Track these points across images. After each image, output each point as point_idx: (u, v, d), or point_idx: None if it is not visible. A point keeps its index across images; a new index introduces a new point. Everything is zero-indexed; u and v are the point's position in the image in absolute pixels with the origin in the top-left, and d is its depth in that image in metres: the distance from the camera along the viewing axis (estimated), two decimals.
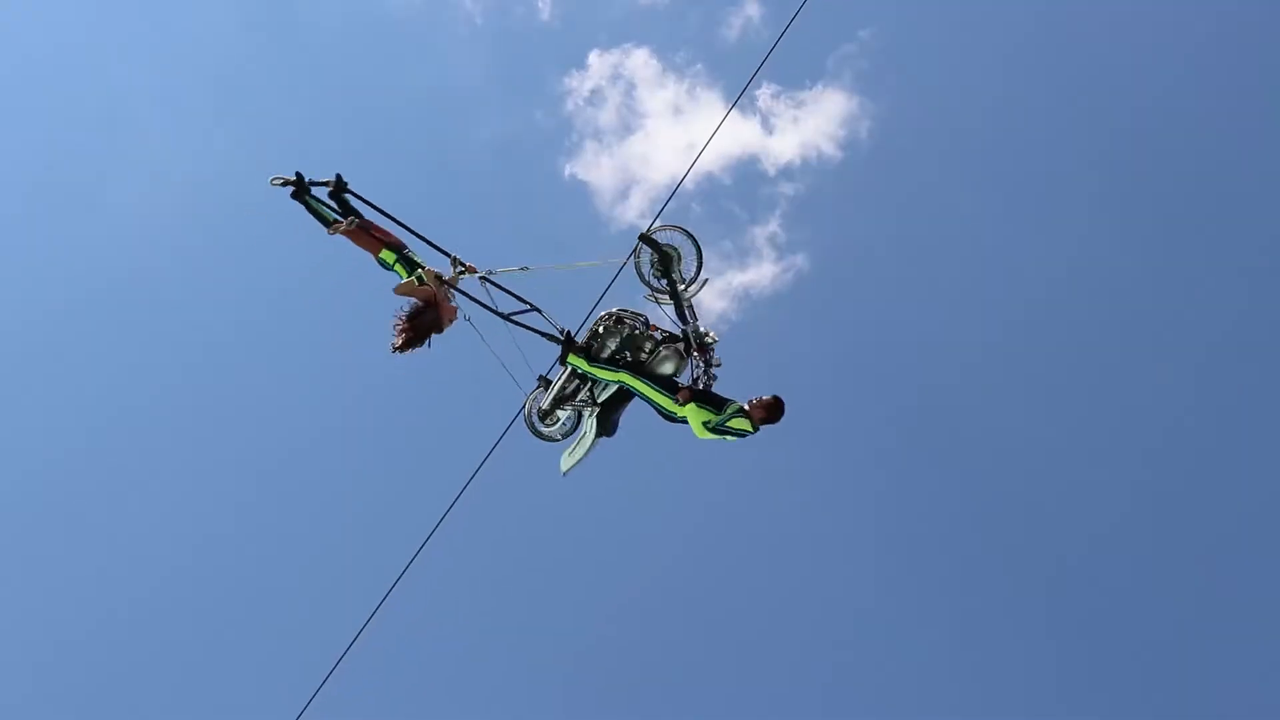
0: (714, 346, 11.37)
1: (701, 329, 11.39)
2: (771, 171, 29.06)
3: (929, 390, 28.19)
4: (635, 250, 11.56)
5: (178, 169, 29.68)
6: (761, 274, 28.26)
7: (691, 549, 26.76)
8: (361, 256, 11.92)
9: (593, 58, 29.96)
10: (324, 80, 31.17)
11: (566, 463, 11.80)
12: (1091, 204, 28.89)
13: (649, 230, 11.62)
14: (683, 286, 11.60)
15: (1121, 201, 28.92)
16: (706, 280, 11.74)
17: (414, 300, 11.37)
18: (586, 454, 11.72)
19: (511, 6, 30.99)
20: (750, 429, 10.66)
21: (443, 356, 12.77)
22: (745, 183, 29.14)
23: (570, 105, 30.16)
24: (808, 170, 29.07)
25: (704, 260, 11.75)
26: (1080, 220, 28.81)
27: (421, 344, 11.35)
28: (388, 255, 11.63)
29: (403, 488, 26.55)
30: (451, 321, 11.46)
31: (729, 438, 10.76)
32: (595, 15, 31.08)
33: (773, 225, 28.76)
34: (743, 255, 28.65)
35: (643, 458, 27.17)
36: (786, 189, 29.12)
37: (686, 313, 11.47)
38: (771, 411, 10.63)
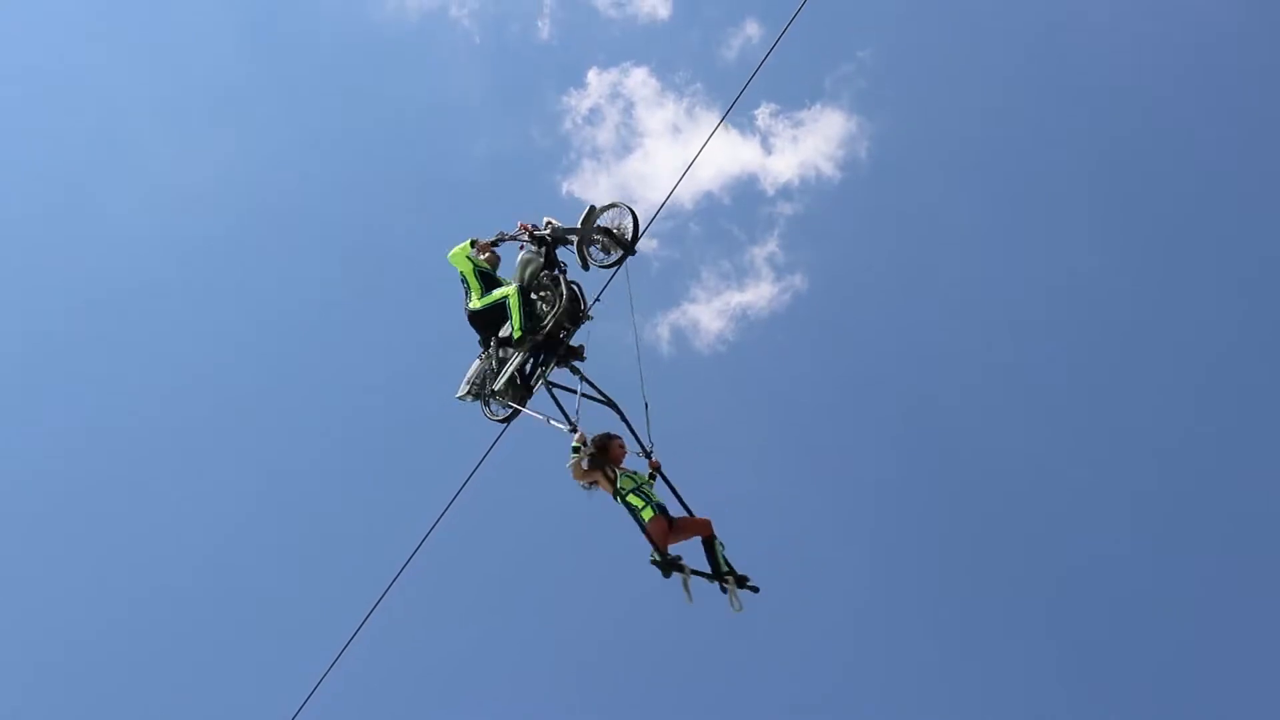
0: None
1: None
2: (770, 191, 29.12)
3: (927, 410, 28.18)
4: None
5: (177, 182, 29.81)
6: (760, 294, 28.27)
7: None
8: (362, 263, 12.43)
9: (591, 76, 30.06)
10: (323, 97, 31.37)
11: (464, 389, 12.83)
12: (1091, 222, 28.96)
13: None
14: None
15: (1120, 220, 28.99)
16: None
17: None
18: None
19: (510, 25, 31.14)
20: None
21: (445, 370, 12.90)
22: (744, 202, 29.22)
23: (568, 124, 30.25)
24: (806, 190, 29.13)
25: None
26: (1079, 239, 28.88)
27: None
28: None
29: (397, 493, 26.46)
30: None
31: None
32: (594, 34, 31.21)
33: (771, 245, 28.79)
34: (741, 275, 28.67)
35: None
36: (785, 209, 29.17)
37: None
38: None
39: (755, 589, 11.44)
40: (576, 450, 11.48)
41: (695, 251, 29.88)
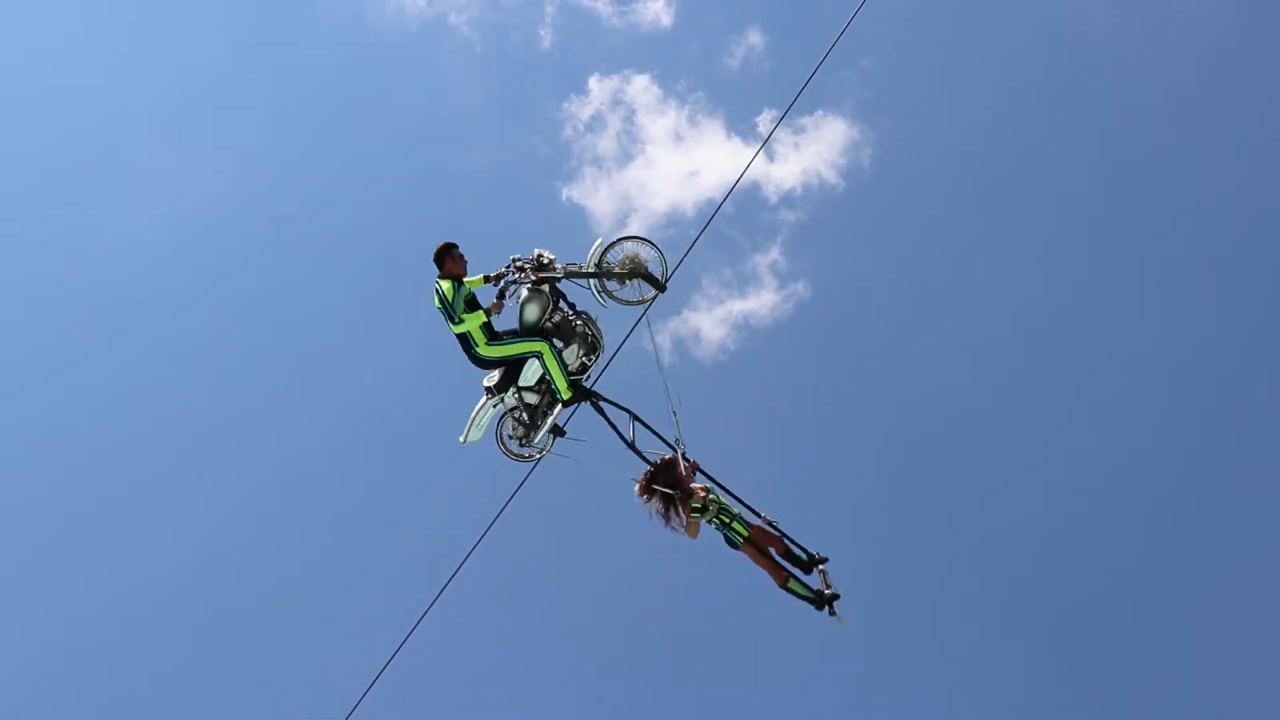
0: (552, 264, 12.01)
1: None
2: (773, 199, 29.07)
3: (930, 418, 28.16)
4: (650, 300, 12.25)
5: (175, 191, 29.69)
6: (762, 302, 28.21)
7: (696, 574, 26.57)
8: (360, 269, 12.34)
9: (593, 83, 29.98)
10: (322, 106, 31.23)
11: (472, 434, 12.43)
12: (1092, 231, 29.01)
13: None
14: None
15: (1122, 227, 29.05)
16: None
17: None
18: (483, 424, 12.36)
19: (511, 33, 31.04)
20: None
21: (446, 379, 12.79)
22: (746, 210, 29.12)
23: (569, 131, 30.16)
24: (809, 198, 29.09)
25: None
26: (1081, 245, 28.92)
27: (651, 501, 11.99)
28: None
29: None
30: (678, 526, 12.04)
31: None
32: (596, 41, 31.13)
33: (774, 253, 28.74)
34: (743, 283, 28.61)
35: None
36: (788, 216, 29.14)
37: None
38: None
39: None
40: (699, 510, 11.62)
41: (696, 259, 29.77)
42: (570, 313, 12.14)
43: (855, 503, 27.78)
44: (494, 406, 12.27)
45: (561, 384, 11.83)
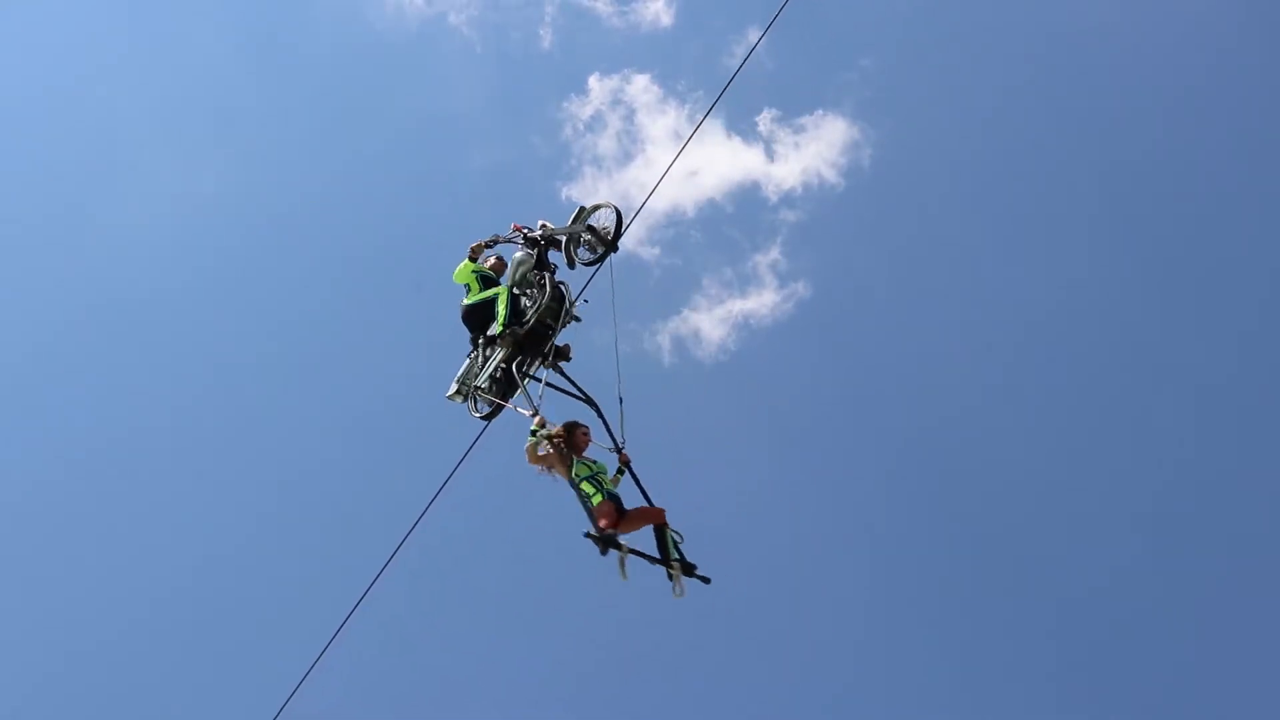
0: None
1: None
2: (773, 198, 29.04)
3: (931, 418, 28.06)
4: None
5: (177, 191, 29.84)
6: (763, 301, 28.17)
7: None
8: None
9: (593, 83, 30.03)
10: (323, 106, 31.35)
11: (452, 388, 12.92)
12: (1092, 230, 28.90)
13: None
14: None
15: (1122, 226, 28.94)
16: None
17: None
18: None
19: (510, 33, 31.12)
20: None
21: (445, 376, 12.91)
22: (746, 209, 29.13)
23: (569, 130, 30.21)
24: (809, 197, 29.06)
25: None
26: (1081, 245, 28.81)
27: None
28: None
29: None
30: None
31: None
32: (596, 41, 31.19)
33: (774, 252, 28.70)
34: (744, 282, 28.58)
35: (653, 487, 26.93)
36: (788, 216, 29.11)
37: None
38: None
39: (706, 579, 11.22)
40: (534, 434, 11.45)
41: (697, 259, 29.86)
42: (548, 275, 12.63)
43: (855, 502, 27.73)
44: (468, 358, 12.88)
45: (501, 314, 12.40)
